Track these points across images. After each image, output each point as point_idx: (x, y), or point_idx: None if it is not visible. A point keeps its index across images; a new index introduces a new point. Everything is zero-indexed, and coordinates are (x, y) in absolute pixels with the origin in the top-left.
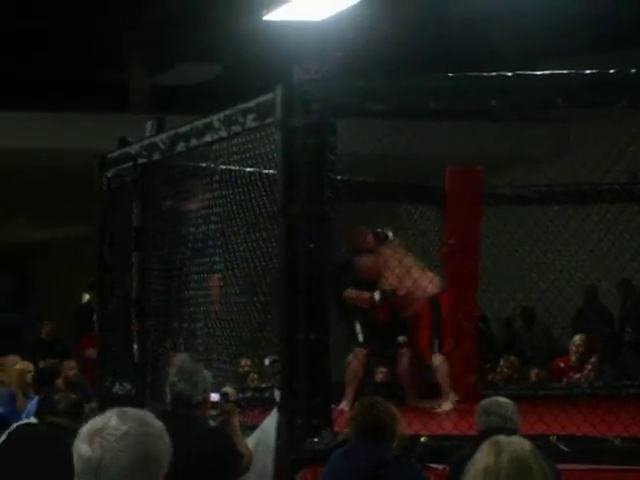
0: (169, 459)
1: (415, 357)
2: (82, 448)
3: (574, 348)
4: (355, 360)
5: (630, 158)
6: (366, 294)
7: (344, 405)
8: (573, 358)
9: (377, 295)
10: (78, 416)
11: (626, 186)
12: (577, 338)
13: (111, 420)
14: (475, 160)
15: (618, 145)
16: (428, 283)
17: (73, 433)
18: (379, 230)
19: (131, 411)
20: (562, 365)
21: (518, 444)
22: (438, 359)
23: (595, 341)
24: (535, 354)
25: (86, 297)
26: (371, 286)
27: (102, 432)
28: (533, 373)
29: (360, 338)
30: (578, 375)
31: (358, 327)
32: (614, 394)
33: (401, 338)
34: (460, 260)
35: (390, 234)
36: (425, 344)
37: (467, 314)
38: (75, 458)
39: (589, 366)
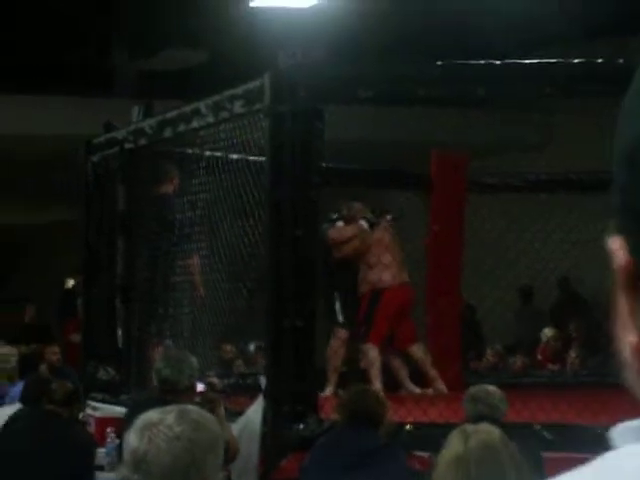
0: (218, 470)
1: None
2: (132, 438)
3: (552, 342)
4: (337, 345)
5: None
6: (351, 229)
7: (328, 391)
8: (548, 351)
9: (364, 223)
10: (73, 405)
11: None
12: (548, 332)
13: (168, 417)
14: (460, 147)
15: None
16: (387, 271)
17: (69, 421)
18: (375, 209)
19: (193, 413)
20: (539, 356)
21: (485, 431)
22: (368, 349)
23: (574, 331)
24: (518, 343)
25: (70, 282)
26: (346, 266)
27: (155, 428)
28: (518, 361)
29: (340, 318)
30: (556, 367)
31: (338, 306)
32: (599, 382)
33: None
34: (445, 248)
35: (389, 216)
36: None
37: (451, 302)
38: (124, 446)
39: (574, 354)
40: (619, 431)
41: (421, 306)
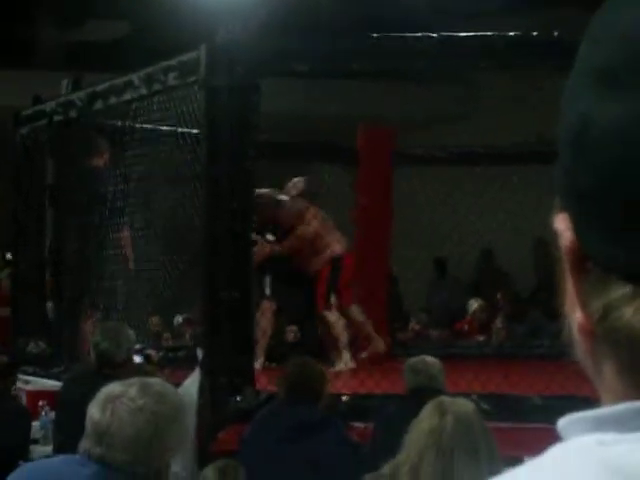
0: (181, 442)
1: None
2: (94, 411)
3: (478, 314)
4: (263, 317)
5: (537, 120)
6: (264, 247)
7: (257, 365)
8: (475, 322)
9: (269, 236)
10: (7, 378)
11: (531, 147)
12: (474, 303)
13: (130, 390)
14: (387, 121)
15: (525, 107)
16: (336, 243)
17: (2, 393)
18: (312, 180)
19: (156, 385)
20: (466, 327)
21: (462, 405)
22: (332, 316)
23: (500, 301)
24: (440, 315)
25: None
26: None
27: (117, 400)
28: (434, 334)
29: (267, 291)
30: (482, 338)
31: (267, 280)
32: (524, 353)
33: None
34: (372, 221)
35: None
36: (321, 301)
37: (378, 275)
38: (87, 418)
39: (499, 324)
40: (568, 422)
41: None
